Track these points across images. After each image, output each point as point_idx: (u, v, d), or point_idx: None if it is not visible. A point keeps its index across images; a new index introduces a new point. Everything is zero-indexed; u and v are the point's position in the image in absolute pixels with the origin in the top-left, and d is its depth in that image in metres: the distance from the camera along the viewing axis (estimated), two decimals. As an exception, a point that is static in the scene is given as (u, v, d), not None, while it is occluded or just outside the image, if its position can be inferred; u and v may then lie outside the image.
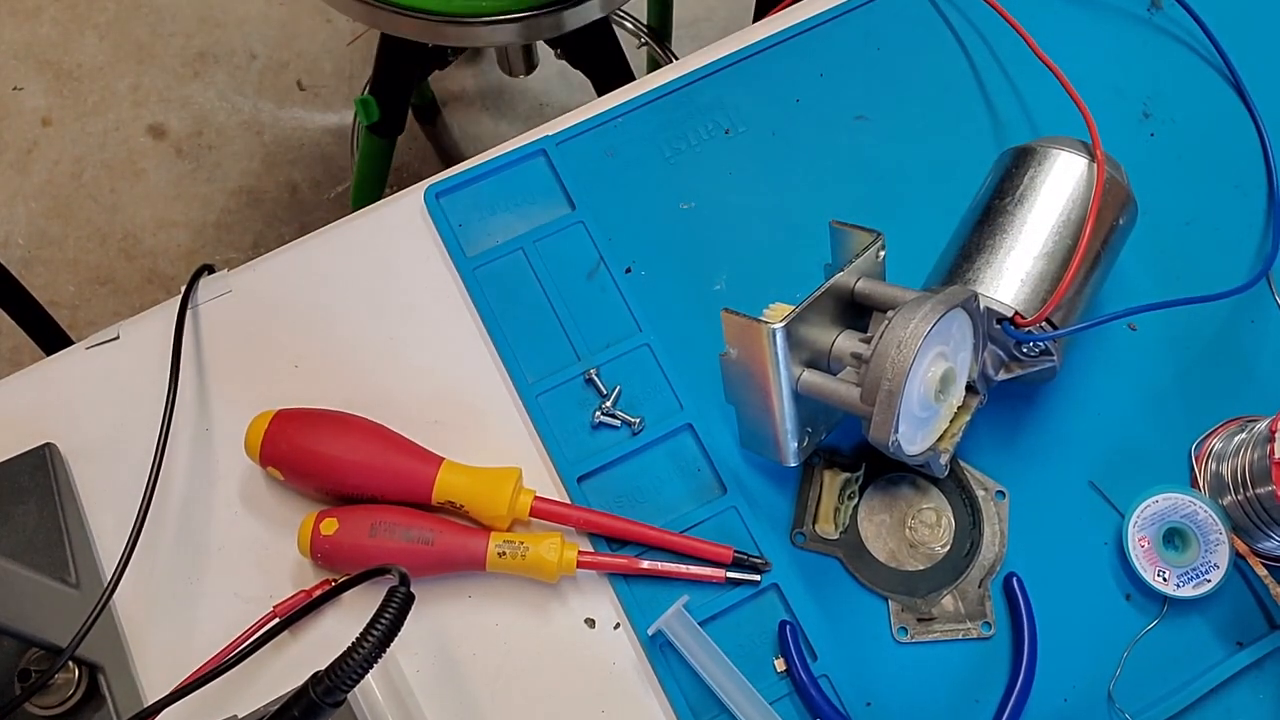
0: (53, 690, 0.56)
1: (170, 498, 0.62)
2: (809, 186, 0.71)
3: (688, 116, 0.73)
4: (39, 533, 0.59)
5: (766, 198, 0.71)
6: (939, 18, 0.77)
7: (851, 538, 0.63)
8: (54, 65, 1.72)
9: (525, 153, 0.71)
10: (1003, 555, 0.62)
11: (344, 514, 0.59)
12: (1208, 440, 0.65)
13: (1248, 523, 0.61)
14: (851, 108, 0.74)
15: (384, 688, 0.58)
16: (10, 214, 1.62)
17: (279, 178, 1.66)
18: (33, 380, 0.66)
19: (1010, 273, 0.60)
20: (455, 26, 0.94)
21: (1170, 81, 0.75)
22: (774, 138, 0.73)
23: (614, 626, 0.60)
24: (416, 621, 0.59)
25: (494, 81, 1.71)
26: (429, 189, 0.70)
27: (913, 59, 0.75)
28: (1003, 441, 0.65)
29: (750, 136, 0.73)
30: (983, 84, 0.75)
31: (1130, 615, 0.61)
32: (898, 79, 0.75)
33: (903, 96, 0.74)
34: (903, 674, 0.60)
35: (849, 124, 0.73)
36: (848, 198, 0.71)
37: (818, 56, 0.75)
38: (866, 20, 0.76)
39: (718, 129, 0.73)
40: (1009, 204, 0.62)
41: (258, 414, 0.61)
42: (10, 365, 1.54)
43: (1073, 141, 0.64)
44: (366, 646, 0.44)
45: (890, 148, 0.73)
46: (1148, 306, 0.63)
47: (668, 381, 0.65)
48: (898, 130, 0.73)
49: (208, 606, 0.60)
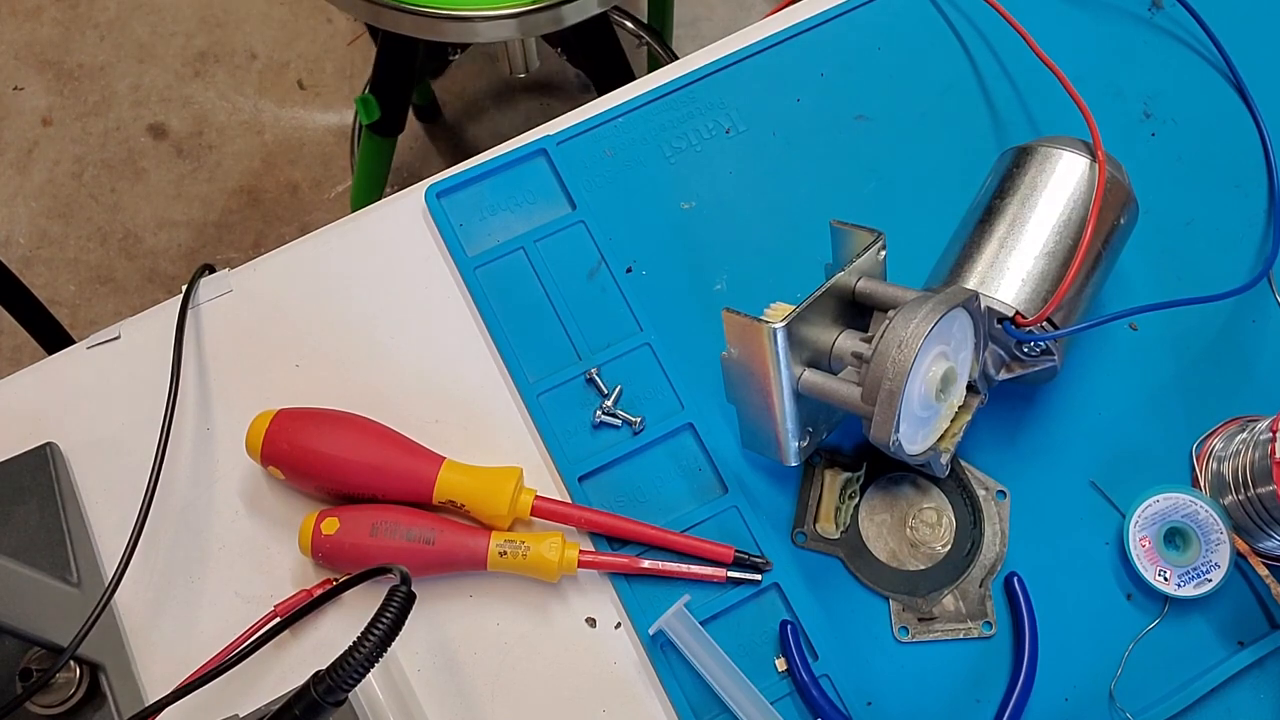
0: (54, 689, 0.56)
1: (171, 497, 0.62)
2: (809, 186, 0.71)
3: (688, 116, 0.73)
4: (40, 532, 0.59)
5: (767, 197, 0.71)
6: (939, 17, 0.77)
7: (852, 537, 0.63)
8: (54, 65, 1.72)
9: (526, 152, 0.71)
10: (1003, 555, 0.62)
11: (345, 513, 0.59)
12: (1208, 440, 0.65)
13: (1249, 522, 0.61)
14: (852, 107, 0.74)
15: (385, 687, 0.58)
16: (11, 213, 1.62)
17: (279, 178, 1.66)
18: (34, 379, 0.66)
19: (1011, 272, 0.60)
20: (455, 23, 0.94)
21: (1171, 81, 0.75)
22: (774, 137, 0.73)
23: (615, 626, 0.60)
24: (417, 621, 0.59)
25: (494, 81, 1.71)
26: (429, 189, 0.70)
27: (913, 59, 0.75)
28: (1004, 441, 0.65)
29: (751, 136, 0.73)
30: (983, 84, 0.75)
31: (1131, 615, 0.61)
32: (898, 79, 0.75)
33: (903, 96, 0.74)
34: (903, 674, 0.60)
35: (849, 124, 0.73)
36: (848, 197, 0.71)
37: (818, 56, 0.75)
38: (867, 20, 0.76)
39: (718, 129, 0.73)
40: (1010, 204, 0.62)
41: (258, 413, 0.61)
42: (11, 364, 1.54)
43: (1074, 141, 0.64)
44: (368, 646, 0.44)
45: (890, 148, 0.73)
46: (1149, 307, 0.63)
47: (668, 381, 0.65)
48: (898, 130, 0.73)
49: (208, 606, 0.60)
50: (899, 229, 0.64)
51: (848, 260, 0.61)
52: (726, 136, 0.73)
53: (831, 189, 0.71)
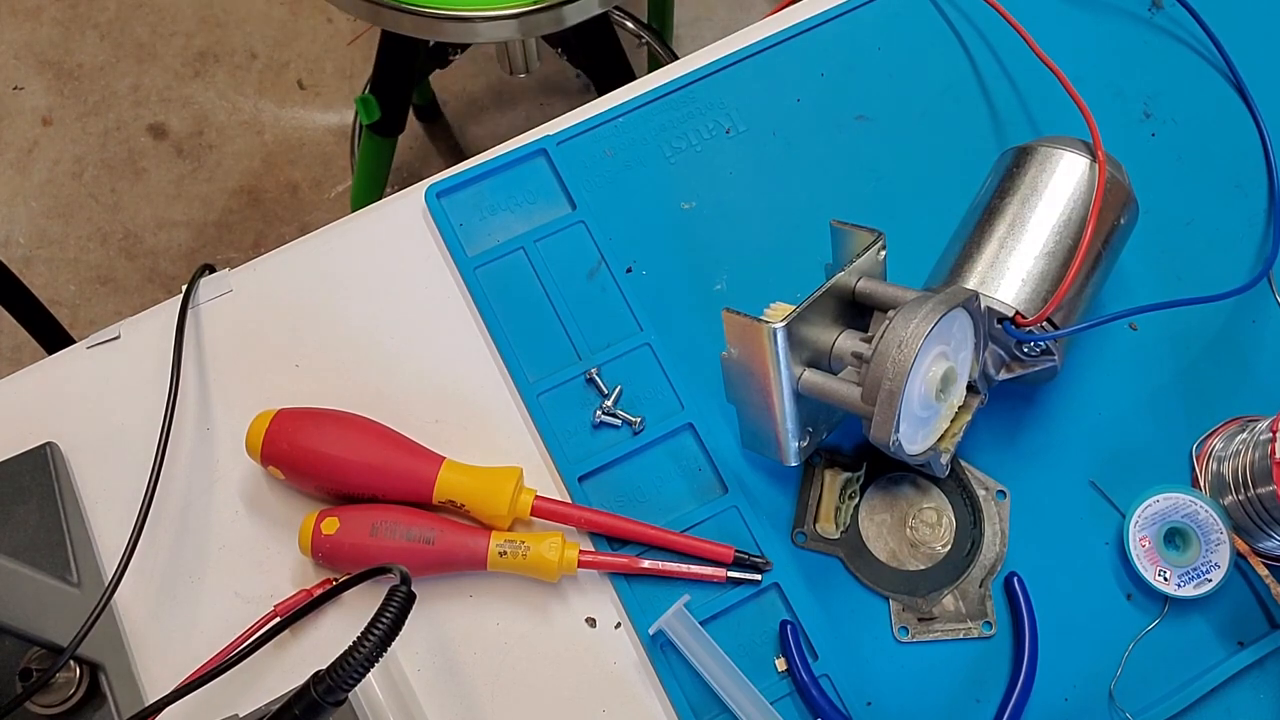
0: (54, 689, 0.56)
1: (171, 497, 0.62)
2: (809, 186, 0.71)
3: (688, 116, 0.73)
4: (40, 532, 0.59)
5: (767, 197, 0.71)
6: (940, 18, 0.77)
7: (852, 537, 0.63)
8: (54, 65, 1.72)
9: (526, 152, 0.71)
10: (1003, 555, 0.62)
11: (345, 513, 0.59)
12: (1208, 440, 0.65)
13: (1248, 522, 0.61)
14: (852, 107, 0.74)
15: (385, 687, 0.58)
16: (11, 213, 1.62)
17: (279, 178, 1.66)
18: (34, 379, 0.66)
19: (1011, 272, 0.60)
20: (455, 23, 0.95)
21: (1171, 81, 0.75)
22: (774, 137, 0.73)
23: (615, 626, 0.60)
24: (417, 621, 0.59)
25: (494, 81, 1.71)
26: (429, 188, 0.70)
27: (913, 59, 0.75)
28: (1004, 441, 0.65)
29: (751, 136, 0.73)
30: (983, 84, 0.75)
31: (1131, 615, 0.61)
32: (898, 79, 0.75)
33: (903, 96, 0.74)
34: (903, 674, 0.60)
35: (850, 124, 0.73)
36: (848, 198, 0.71)
37: (818, 56, 0.75)
38: (867, 20, 0.76)
39: (718, 129, 0.73)
40: (1010, 203, 0.62)
41: (258, 413, 0.61)
42: (11, 364, 1.54)
43: (1074, 141, 0.64)
44: (368, 646, 0.44)
45: (891, 148, 0.73)
46: (1149, 307, 0.63)
47: (668, 381, 0.65)
48: (898, 130, 0.73)
49: (208, 606, 0.60)
50: (899, 229, 0.64)
51: (848, 260, 0.61)
52: (726, 136, 0.73)
53: (831, 189, 0.71)
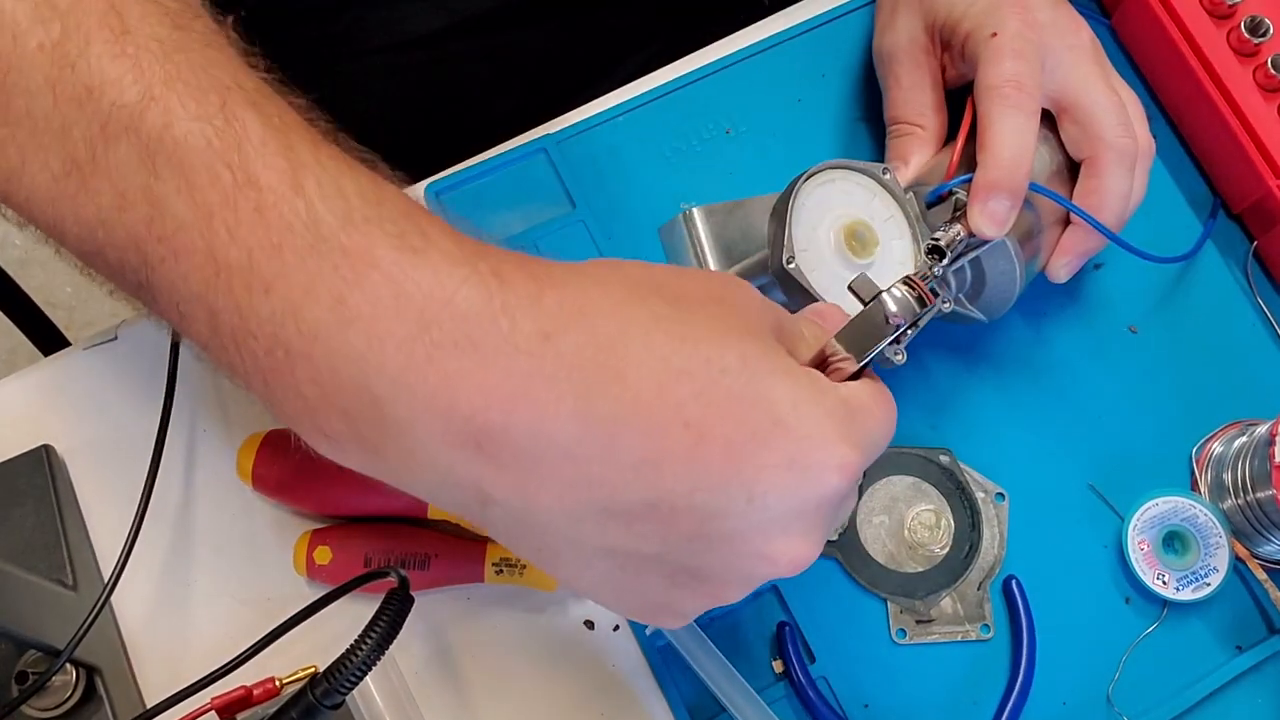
0: (50, 692, 0.56)
1: (168, 499, 0.62)
2: (809, 187, 0.71)
3: (688, 116, 0.73)
4: (36, 534, 0.59)
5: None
6: (939, 18, 0.76)
7: (850, 539, 0.63)
8: (52, 62, 1.72)
9: (526, 151, 0.71)
10: (1002, 557, 0.62)
11: (337, 541, 0.58)
12: (1208, 444, 0.65)
13: (1248, 526, 0.61)
14: (853, 108, 0.73)
15: (382, 690, 0.58)
16: (7, 214, 1.62)
17: (277, 175, 1.65)
18: (30, 381, 0.65)
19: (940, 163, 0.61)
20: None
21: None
22: (775, 138, 0.72)
23: (613, 628, 0.60)
24: (415, 623, 0.59)
25: (493, 79, 1.71)
26: (429, 186, 0.70)
27: (913, 60, 0.75)
28: (1003, 444, 0.65)
29: (751, 136, 0.72)
30: (983, 85, 0.74)
31: (1129, 618, 0.61)
32: (898, 80, 0.74)
33: (903, 97, 0.74)
34: (901, 676, 0.60)
35: (851, 125, 0.73)
36: (848, 199, 0.71)
37: (819, 57, 0.75)
38: (869, 21, 0.76)
39: (718, 129, 0.73)
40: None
41: (246, 438, 0.60)
42: (7, 366, 1.53)
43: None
44: (365, 649, 0.44)
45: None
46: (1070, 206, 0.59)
47: (667, 383, 0.65)
48: (898, 131, 0.73)
49: (206, 608, 0.60)
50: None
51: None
52: (726, 136, 0.72)
53: (831, 190, 0.71)
